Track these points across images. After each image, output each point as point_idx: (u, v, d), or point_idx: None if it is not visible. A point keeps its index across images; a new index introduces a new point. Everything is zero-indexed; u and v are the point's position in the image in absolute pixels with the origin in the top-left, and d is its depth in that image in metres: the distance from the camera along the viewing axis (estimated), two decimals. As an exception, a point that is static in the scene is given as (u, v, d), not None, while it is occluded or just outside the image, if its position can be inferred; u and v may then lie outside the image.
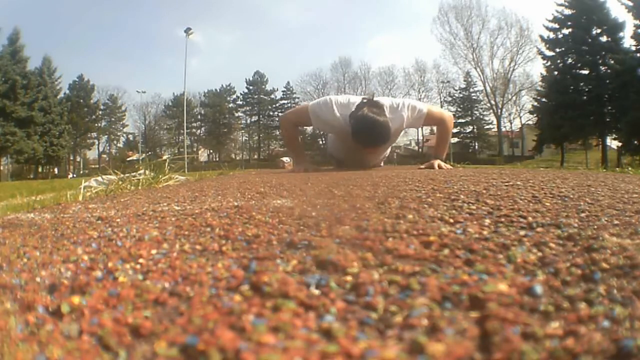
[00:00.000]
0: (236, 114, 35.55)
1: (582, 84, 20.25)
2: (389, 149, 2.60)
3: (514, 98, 30.07)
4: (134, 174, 1.73)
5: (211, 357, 0.21)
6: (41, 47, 43.67)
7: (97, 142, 34.89)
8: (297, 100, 34.68)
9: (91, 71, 49.79)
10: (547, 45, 21.59)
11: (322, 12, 52.39)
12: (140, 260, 0.38)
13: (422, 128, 30.87)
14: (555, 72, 20.90)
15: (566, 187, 0.77)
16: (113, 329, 0.25)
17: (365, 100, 1.94)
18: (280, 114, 34.86)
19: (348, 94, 2.11)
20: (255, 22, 53.92)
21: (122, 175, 1.65)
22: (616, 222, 0.45)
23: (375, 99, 1.96)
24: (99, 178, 1.72)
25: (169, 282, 0.32)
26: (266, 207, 0.67)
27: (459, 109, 31.38)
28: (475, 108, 31.28)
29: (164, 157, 2.04)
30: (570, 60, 20.82)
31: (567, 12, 20.91)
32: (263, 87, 35.08)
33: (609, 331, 0.22)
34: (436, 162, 1.92)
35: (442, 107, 31.36)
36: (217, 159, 33.11)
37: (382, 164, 2.74)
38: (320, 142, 26.98)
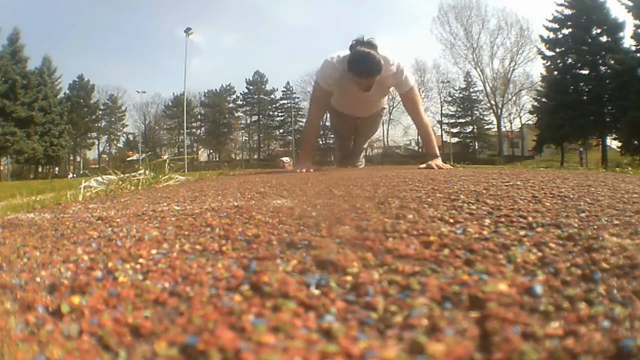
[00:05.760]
0: (236, 114, 35.58)
1: (582, 84, 20.26)
2: (381, 116, 2.77)
3: (514, 98, 30.12)
4: (134, 174, 1.73)
5: (211, 357, 0.21)
6: (41, 47, 43.67)
7: (97, 142, 34.92)
8: (297, 100, 34.72)
9: (91, 71, 49.67)
10: (547, 45, 21.61)
11: (322, 12, 52.45)
12: (140, 260, 0.38)
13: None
14: (555, 72, 20.92)
15: (566, 187, 0.77)
16: (113, 329, 0.25)
17: (357, 41, 2.04)
18: (280, 113, 34.96)
19: (344, 50, 2.18)
20: (256, 22, 53.95)
21: (122, 175, 1.65)
22: (616, 222, 0.45)
23: (368, 40, 2.05)
24: (99, 178, 1.72)
25: (169, 282, 0.32)
26: (266, 207, 0.67)
27: (459, 109, 31.40)
28: (475, 108, 31.28)
29: (164, 157, 2.03)
30: (570, 60, 20.84)
31: (567, 12, 20.93)
32: (263, 87, 35.09)
33: (609, 331, 0.22)
34: (434, 162, 1.92)
35: (442, 107, 31.54)
36: (217, 159, 33.11)
37: (379, 120, 2.83)
38: (321, 142, 26.98)
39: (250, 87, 35.07)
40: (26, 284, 0.33)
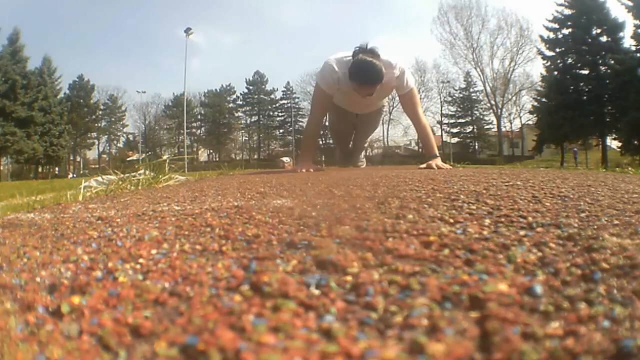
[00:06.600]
0: (236, 114, 35.59)
1: (582, 84, 20.26)
2: (381, 113, 2.80)
3: (514, 98, 30.12)
4: (134, 174, 1.73)
5: (211, 357, 0.21)
6: (41, 47, 43.75)
7: (97, 142, 34.92)
8: (297, 100, 34.73)
9: (91, 71, 49.77)
10: (547, 45, 21.61)
11: (322, 13, 52.47)
12: (140, 260, 0.38)
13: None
14: (555, 72, 20.91)
15: (566, 187, 0.77)
16: (113, 329, 0.25)
17: (359, 49, 2.03)
18: (280, 113, 34.98)
19: (344, 51, 2.17)
20: (256, 22, 53.94)
21: (122, 175, 1.65)
22: (616, 222, 0.45)
23: (370, 47, 2.05)
24: (99, 178, 1.71)
25: (169, 282, 0.32)
26: (266, 207, 0.67)
27: (459, 109, 31.42)
28: (475, 108, 31.28)
29: (164, 157, 2.03)
30: (570, 60, 20.83)
31: (567, 12, 20.93)
32: (263, 87, 35.10)
33: (609, 331, 0.22)
34: (434, 162, 1.92)
35: (442, 107, 31.50)
36: (217, 159, 33.11)
37: (379, 117, 2.85)
38: (321, 142, 27.00)
39: (250, 87, 35.08)
40: (26, 284, 0.33)
